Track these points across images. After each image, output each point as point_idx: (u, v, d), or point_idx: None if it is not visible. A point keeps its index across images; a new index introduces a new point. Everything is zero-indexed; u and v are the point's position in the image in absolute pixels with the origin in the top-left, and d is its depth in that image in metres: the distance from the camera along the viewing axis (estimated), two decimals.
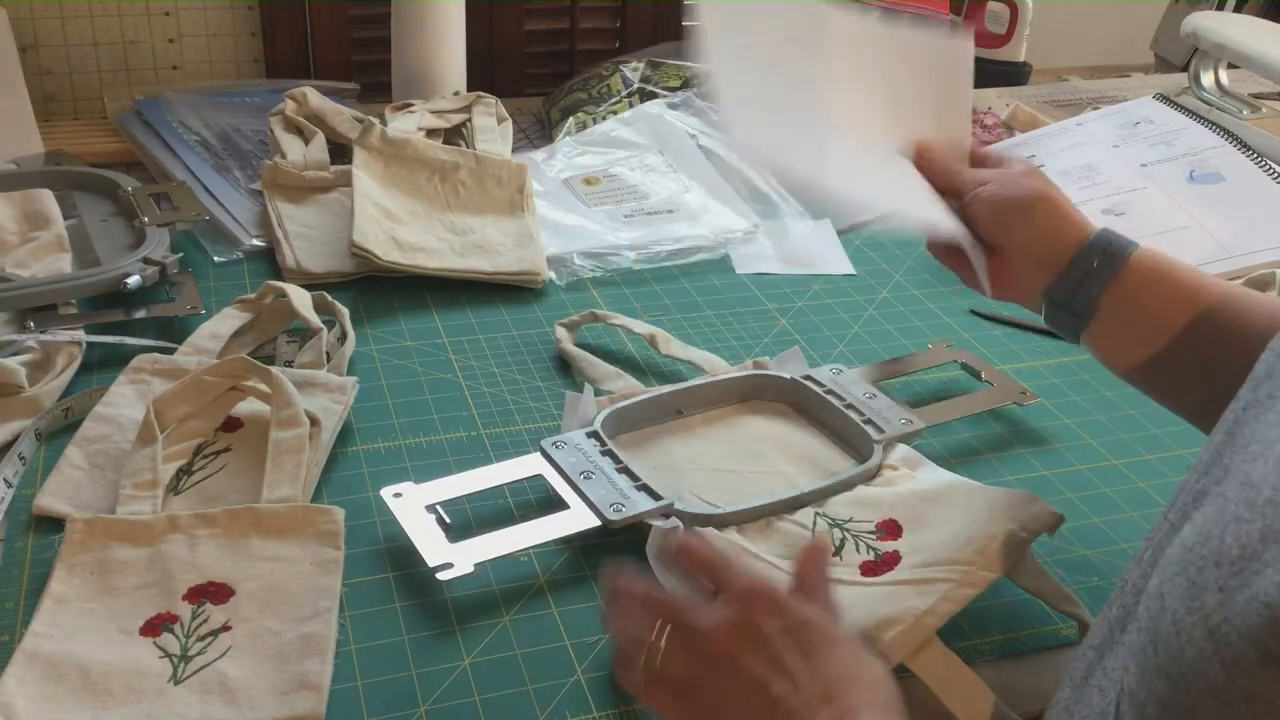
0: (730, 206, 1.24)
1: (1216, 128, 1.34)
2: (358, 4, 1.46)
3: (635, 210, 1.23)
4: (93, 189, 1.14)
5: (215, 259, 1.10)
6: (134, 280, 0.97)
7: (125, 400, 0.87)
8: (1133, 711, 0.42)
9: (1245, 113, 1.42)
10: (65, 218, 1.08)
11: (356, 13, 1.46)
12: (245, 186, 1.21)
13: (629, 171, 1.30)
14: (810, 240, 1.21)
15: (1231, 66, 1.47)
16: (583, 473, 0.79)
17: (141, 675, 0.65)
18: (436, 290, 1.08)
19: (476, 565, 0.72)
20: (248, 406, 0.87)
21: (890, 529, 0.77)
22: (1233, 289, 0.73)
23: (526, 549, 0.75)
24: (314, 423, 0.83)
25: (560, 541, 0.76)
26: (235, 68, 1.46)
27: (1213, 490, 0.45)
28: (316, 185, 1.17)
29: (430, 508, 0.76)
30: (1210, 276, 0.73)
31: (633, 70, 1.44)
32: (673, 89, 1.41)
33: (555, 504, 0.77)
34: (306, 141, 1.21)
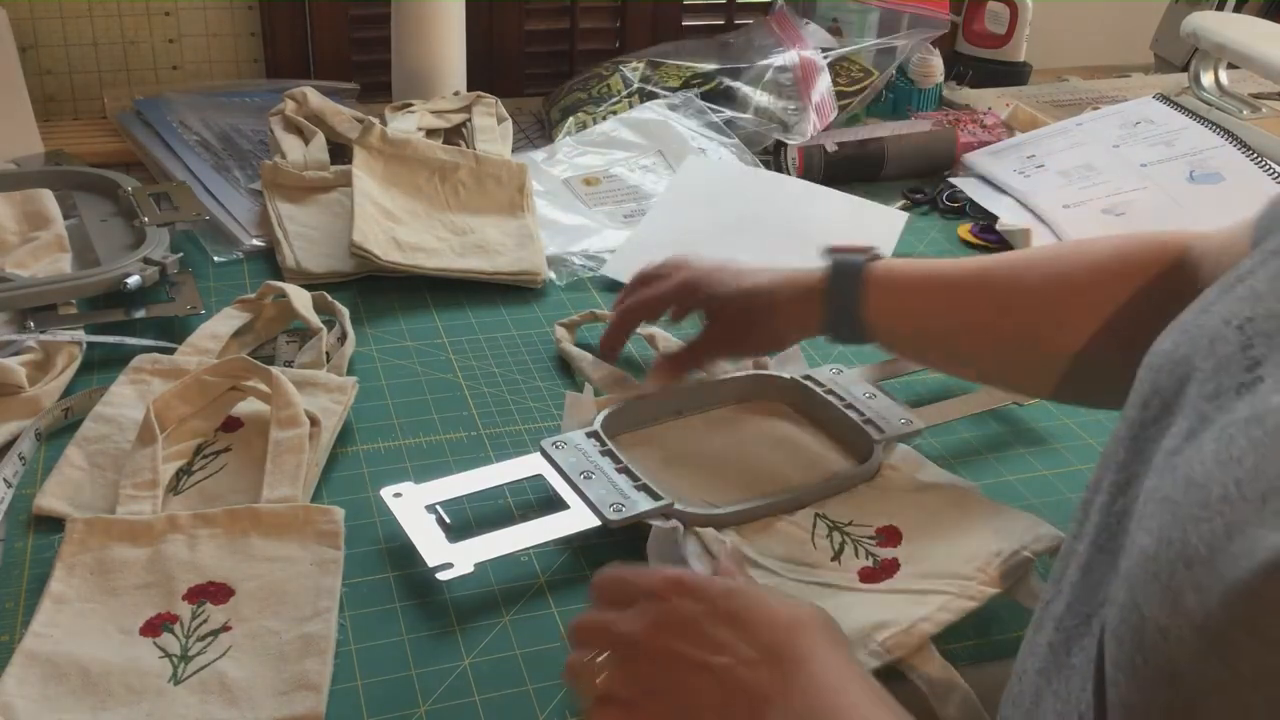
0: None
1: (1216, 128, 1.34)
2: (358, 4, 1.46)
3: (635, 210, 1.23)
4: (93, 189, 1.14)
5: (215, 259, 1.10)
6: (134, 280, 0.97)
7: (125, 400, 0.87)
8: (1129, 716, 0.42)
9: (1245, 113, 1.43)
10: (65, 218, 1.08)
11: (356, 13, 1.46)
12: (245, 186, 1.21)
13: (629, 171, 1.30)
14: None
15: (1231, 66, 1.47)
16: (583, 473, 0.79)
17: (141, 675, 0.65)
18: (436, 290, 1.08)
19: (476, 565, 0.72)
20: (248, 406, 0.87)
21: (890, 535, 0.76)
22: (984, 263, 0.79)
23: (526, 549, 0.75)
24: (314, 423, 0.83)
25: (560, 541, 0.76)
26: (235, 68, 1.46)
27: (1153, 499, 0.45)
28: (316, 185, 1.17)
29: (430, 508, 0.76)
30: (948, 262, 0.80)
31: (633, 70, 1.44)
32: (673, 89, 1.41)
33: (555, 504, 0.77)
34: (306, 141, 1.21)
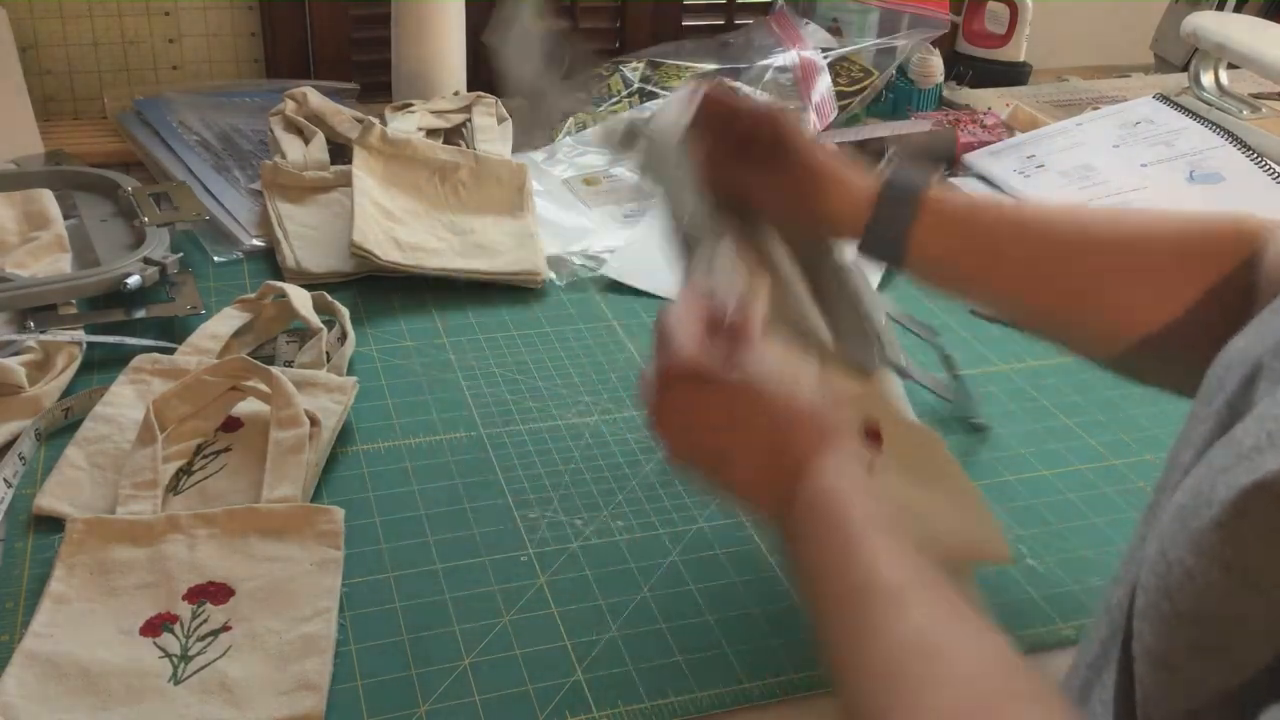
0: None
1: (1216, 128, 1.34)
2: (358, 4, 1.46)
3: (635, 210, 1.23)
4: (93, 189, 1.14)
5: (215, 259, 1.10)
6: (134, 280, 0.97)
7: (125, 400, 0.87)
8: (1156, 668, 0.42)
9: (1245, 113, 1.42)
10: (65, 218, 1.08)
11: (356, 13, 1.46)
12: (245, 186, 1.21)
13: (629, 171, 1.30)
14: None
15: (1231, 66, 1.47)
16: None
17: (141, 675, 0.65)
18: (436, 290, 1.08)
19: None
20: (248, 406, 0.87)
21: (873, 436, 0.73)
22: (1052, 216, 0.74)
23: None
24: (314, 423, 0.83)
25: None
26: (235, 68, 1.46)
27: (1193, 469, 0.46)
28: (316, 185, 1.17)
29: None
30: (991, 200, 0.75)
31: (633, 70, 1.44)
32: (673, 89, 1.41)
33: None
34: (306, 141, 1.21)
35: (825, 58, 1.43)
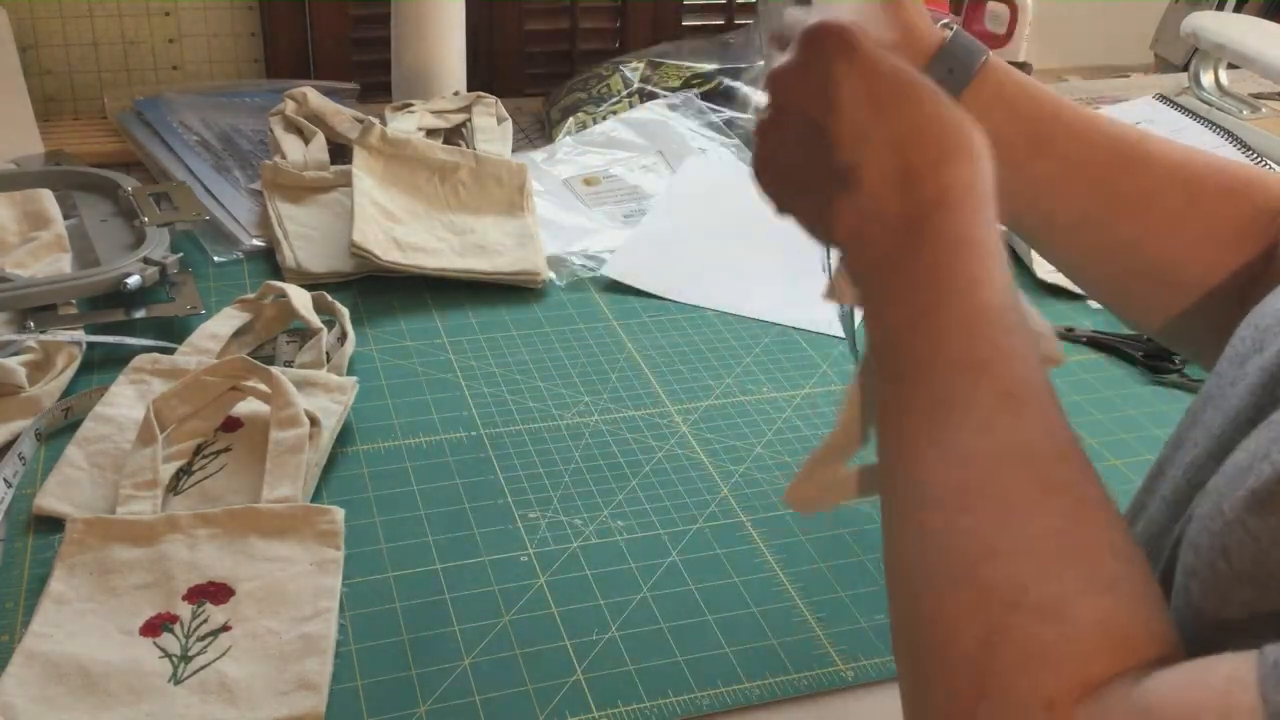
0: None
1: (1216, 128, 1.34)
2: (358, 4, 1.46)
3: (635, 210, 1.23)
4: (93, 189, 1.14)
5: (215, 259, 1.10)
6: (134, 280, 0.97)
7: (125, 400, 0.87)
8: (1207, 628, 0.41)
9: (1245, 113, 1.42)
10: (65, 218, 1.08)
11: (356, 13, 1.46)
12: (245, 186, 1.21)
13: (629, 172, 1.30)
14: None
15: (1231, 66, 1.47)
16: None
17: (141, 675, 0.65)
18: (436, 290, 1.08)
19: None
20: (248, 406, 0.87)
21: None
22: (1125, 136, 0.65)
23: None
24: (314, 423, 0.83)
25: None
26: (235, 68, 1.46)
27: (1230, 442, 0.44)
28: (316, 185, 1.17)
29: None
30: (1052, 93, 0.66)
31: (633, 70, 1.44)
32: (673, 89, 1.41)
33: None
34: (306, 141, 1.21)
35: None
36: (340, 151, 1.20)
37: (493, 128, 1.27)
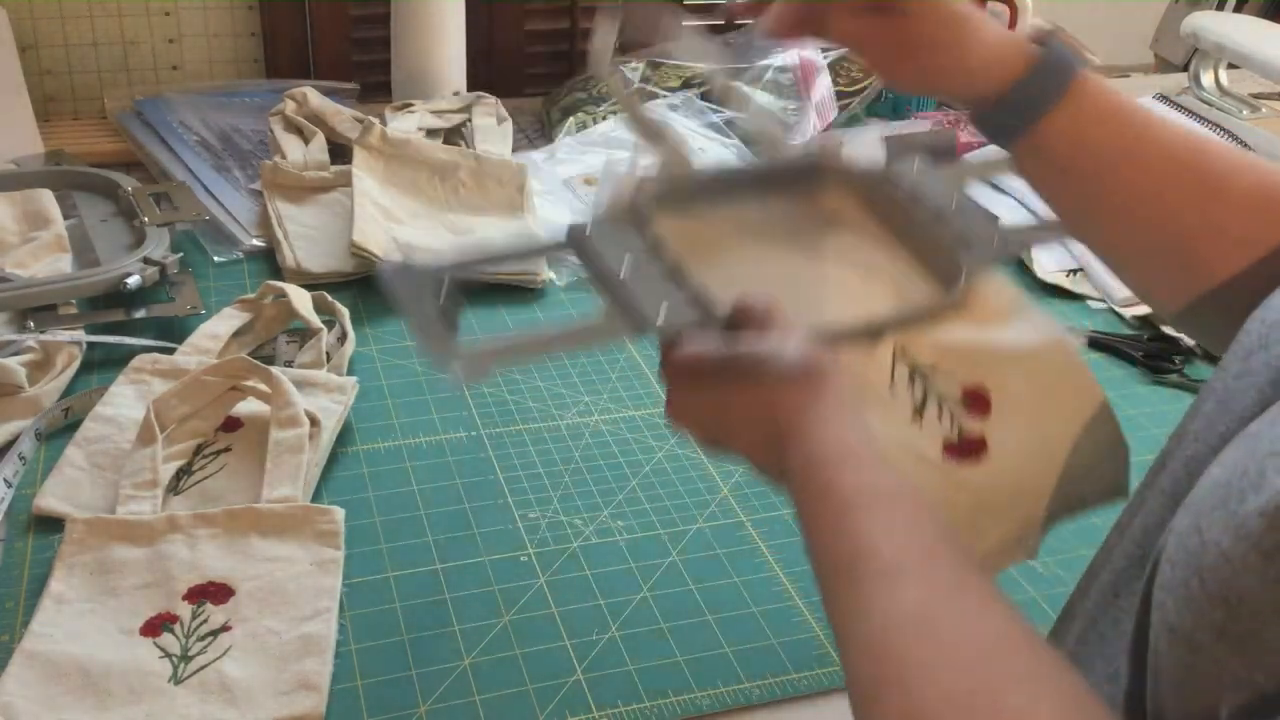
0: None
1: (1216, 128, 1.34)
2: (358, 4, 1.46)
3: None
4: (93, 189, 1.14)
5: (215, 259, 1.10)
6: (134, 280, 0.97)
7: (125, 400, 0.87)
8: (1179, 644, 0.42)
9: (1245, 113, 1.42)
10: (65, 218, 1.08)
11: (356, 13, 1.46)
12: (245, 186, 1.21)
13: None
14: None
15: (1231, 66, 1.47)
16: (620, 267, 0.62)
17: (141, 675, 0.65)
18: None
19: (482, 366, 0.57)
20: (248, 406, 0.86)
21: (978, 401, 0.64)
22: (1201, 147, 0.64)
23: (547, 349, 0.62)
24: (314, 423, 0.83)
25: (589, 343, 0.63)
26: (235, 68, 1.46)
27: (1232, 438, 0.45)
28: (316, 185, 1.17)
29: (436, 278, 0.60)
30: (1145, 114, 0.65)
31: (633, 70, 1.44)
32: (673, 89, 1.41)
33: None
34: (306, 141, 1.21)
35: (825, 58, 1.43)
36: (340, 151, 1.20)
37: (493, 128, 1.27)
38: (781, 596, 0.75)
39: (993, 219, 0.70)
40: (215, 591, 0.70)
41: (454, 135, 1.29)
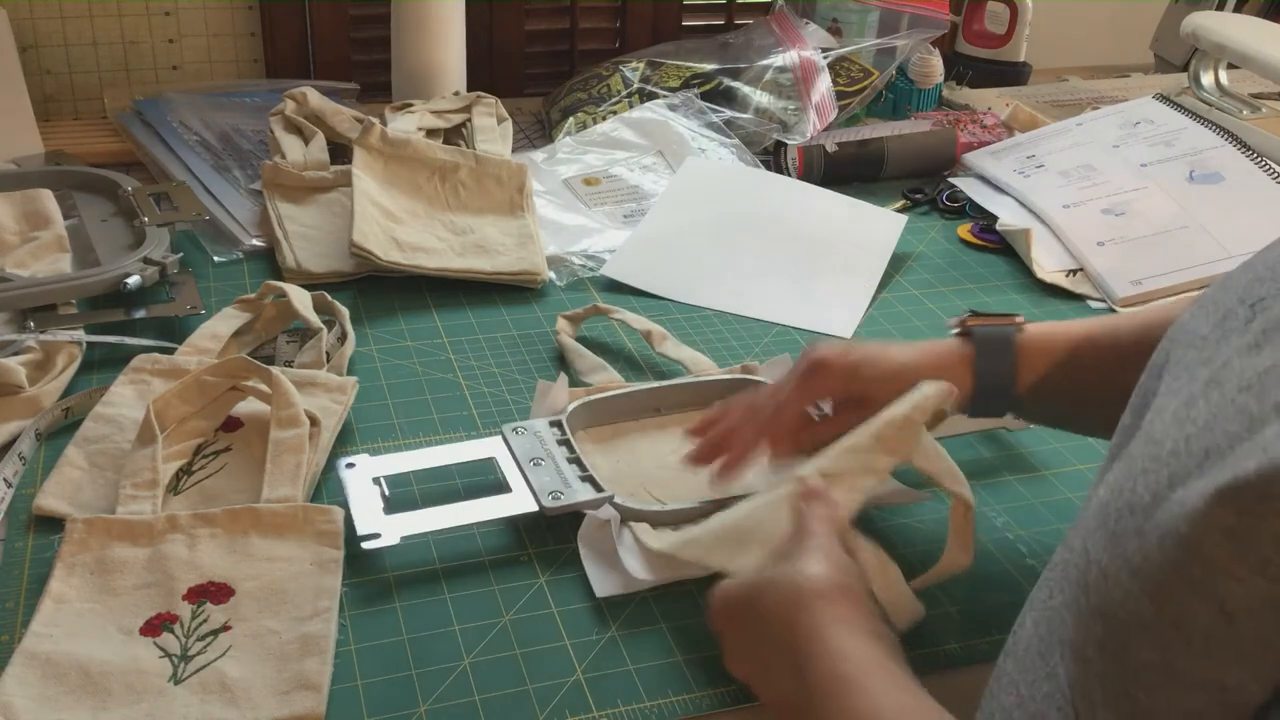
0: None
1: (1216, 128, 1.34)
2: (358, 4, 1.46)
3: (635, 210, 1.23)
4: (93, 189, 1.14)
5: (215, 259, 1.10)
6: (134, 280, 0.97)
7: (125, 400, 0.87)
8: (1073, 659, 0.44)
9: (1245, 113, 1.42)
10: (65, 218, 1.08)
11: (356, 13, 1.46)
12: (245, 186, 1.21)
13: (629, 171, 1.30)
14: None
15: (1231, 66, 1.47)
16: (533, 459, 0.80)
17: (141, 675, 0.65)
18: (436, 290, 1.08)
19: (403, 538, 0.74)
20: (248, 406, 0.87)
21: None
22: (1093, 326, 0.75)
23: (459, 527, 0.76)
24: (314, 423, 0.83)
25: (496, 523, 0.78)
26: (235, 68, 1.46)
27: (1120, 455, 0.48)
28: (316, 185, 1.17)
29: (376, 480, 0.78)
30: (1067, 325, 0.76)
31: (633, 70, 1.44)
32: (673, 89, 1.41)
33: (504, 488, 0.79)
34: (306, 141, 1.21)
35: (825, 58, 1.43)
36: (340, 151, 1.20)
37: (493, 128, 1.27)
38: None
39: None
40: (215, 591, 0.70)
41: (454, 135, 1.29)
